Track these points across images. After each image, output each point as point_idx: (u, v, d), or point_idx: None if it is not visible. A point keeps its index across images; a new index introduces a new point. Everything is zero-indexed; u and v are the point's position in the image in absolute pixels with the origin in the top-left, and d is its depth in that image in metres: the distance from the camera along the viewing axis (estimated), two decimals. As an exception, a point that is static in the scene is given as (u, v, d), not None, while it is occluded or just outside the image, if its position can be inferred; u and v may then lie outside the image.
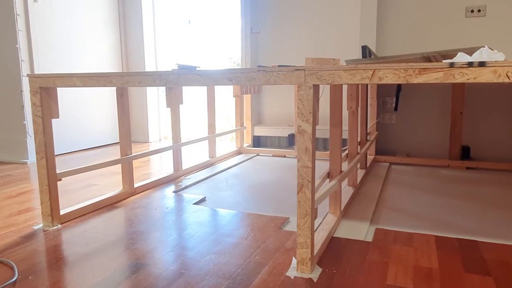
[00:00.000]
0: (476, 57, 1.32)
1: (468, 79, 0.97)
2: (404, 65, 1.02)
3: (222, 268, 1.22)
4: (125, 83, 1.36)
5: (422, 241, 1.41)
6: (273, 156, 3.02)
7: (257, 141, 3.42)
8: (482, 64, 0.95)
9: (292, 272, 1.18)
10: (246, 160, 2.86)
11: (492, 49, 1.36)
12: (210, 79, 1.22)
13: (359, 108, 2.30)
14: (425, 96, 2.81)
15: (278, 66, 1.45)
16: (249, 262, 1.25)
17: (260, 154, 3.09)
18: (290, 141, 2.98)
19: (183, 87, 3.33)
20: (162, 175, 2.25)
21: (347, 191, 1.92)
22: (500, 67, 0.94)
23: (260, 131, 3.36)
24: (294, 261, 1.25)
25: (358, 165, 2.40)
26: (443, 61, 1.26)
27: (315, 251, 1.24)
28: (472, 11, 2.72)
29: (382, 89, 2.87)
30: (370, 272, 1.18)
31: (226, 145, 3.56)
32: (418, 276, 1.16)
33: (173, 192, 2.05)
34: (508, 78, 0.93)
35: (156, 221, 1.63)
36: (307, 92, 1.12)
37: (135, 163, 2.80)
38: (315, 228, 1.46)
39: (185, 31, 3.88)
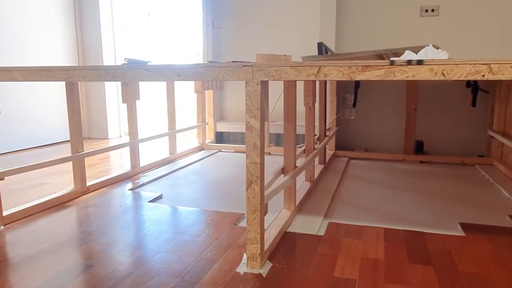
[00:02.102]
0: (421, 55, 1.37)
1: (407, 77, 1.00)
2: (348, 63, 1.04)
3: (172, 266, 1.20)
4: (69, 77, 1.31)
5: (372, 234, 1.45)
6: (235, 152, 3.02)
7: (220, 137, 3.40)
8: (420, 62, 0.99)
9: (242, 268, 1.18)
10: (208, 156, 2.84)
11: (437, 48, 1.42)
12: (158, 74, 1.20)
13: (318, 104, 2.34)
14: (383, 93, 2.89)
15: (232, 61, 1.44)
16: (200, 259, 1.24)
17: (222, 150, 3.07)
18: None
19: (145, 83, 3.25)
20: (118, 173, 2.20)
21: (304, 186, 1.94)
22: (436, 66, 0.97)
23: (223, 127, 3.34)
24: (244, 257, 1.25)
25: (317, 160, 2.44)
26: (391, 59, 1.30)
27: (266, 247, 1.25)
28: (427, 10, 2.81)
29: (341, 85, 2.93)
30: (319, 265, 1.21)
31: (189, 141, 3.52)
32: (364, 267, 1.19)
33: (129, 190, 2.00)
34: (444, 76, 0.97)
35: (108, 220, 1.59)
36: (255, 88, 1.12)
37: (92, 160, 2.71)
38: (269, 224, 1.47)
39: (144, 25, 3.78)
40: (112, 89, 3.67)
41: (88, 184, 1.95)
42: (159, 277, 1.14)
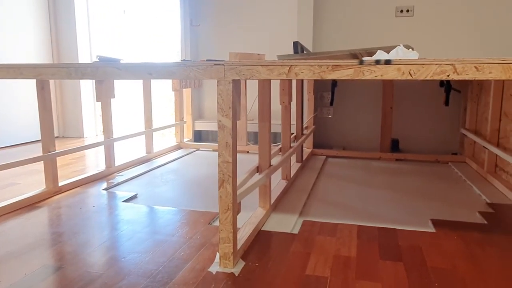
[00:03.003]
0: (392, 55, 1.39)
1: (376, 76, 1.01)
2: (318, 62, 1.05)
3: (143, 267, 1.19)
4: (38, 75, 1.27)
5: (345, 231, 1.47)
6: (213, 150, 3.00)
7: (198, 136, 3.38)
8: (388, 62, 1.00)
9: (214, 268, 1.18)
10: (185, 155, 2.82)
11: (408, 48, 1.44)
12: (129, 73, 1.18)
13: (295, 103, 2.35)
14: (360, 92, 2.93)
15: (206, 60, 1.43)
16: (173, 259, 1.23)
17: (200, 149, 3.05)
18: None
19: (123, 81, 3.19)
20: (92, 172, 2.15)
21: (280, 185, 1.95)
22: (403, 65, 0.99)
23: (201, 126, 3.32)
24: (217, 256, 1.24)
25: (294, 159, 2.45)
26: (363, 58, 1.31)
27: (239, 245, 1.25)
28: (402, 11, 2.86)
29: (319, 84, 2.95)
30: (292, 263, 1.21)
31: (168, 140, 3.48)
32: (336, 264, 1.21)
33: (103, 189, 1.97)
34: (411, 75, 0.99)
35: (80, 221, 1.55)
36: (227, 87, 1.11)
37: (66, 159, 2.65)
38: (243, 222, 1.47)
39: (120, 22, 3.71)
40: (88, 87, 3.60)
41: (60, 184, 1.90)
42: (130, 277, 1.12)
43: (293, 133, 2.35)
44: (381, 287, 1.08)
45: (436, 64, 0.97)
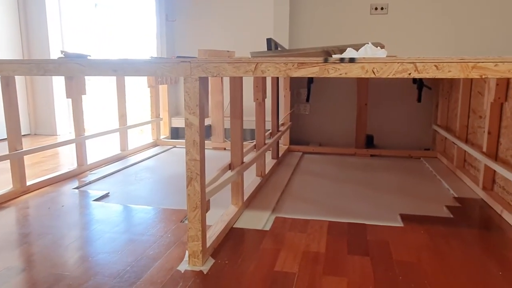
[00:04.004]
0: (361, 53, 1.41)
1: (340, 74, 1.02)
2: (284, 60, 1.05)
3: (111, 267, 1.17)
4: (-1, 72, 1.23)
5: (316, 227, 1.49)
6: (190, 147, 2.98)
7: (176, 133, 3.35)
8: (352, 60, 1.01)
9: (183, 266, 1.17)
10: (161, 152, 2.79)
11: (377, 46, 1.46)
12: (93, 69, 1.15)
13: (270, 100, 2.35)
14: (336, 89, 2.96)
15: (177, 57, 1.41)
16: (141, 259, 1.22)
17: (177, 146, 3.03)
18: (207, 132, 2.96)
19: (99, 77, 3.12)
20: (63, 171, 2.11)
21: (254, 182, 1.96)
22: (367, 64, 1.00)
23: (179, 122, 3.29)
24: (187, 254, 1.24)
25: (270, 156, 2.46)
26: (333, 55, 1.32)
27: (209, 243, 1.25)
28: (376, 8, 2.90)
29: (296, 80, 2.97)
30: (261, 260, 1.22)
31: (146, 137, 3.43)
32: (305, 260, 1.22)
33: (74, 188, 1.93)
34: (374, 73, 1.01)
35: (48, 221, 1.52)
36: (194, 85, 1.10)
37: (36, 158, 2.58)
38: (215, 220, 1.47)
39: (92, 16, 3.63)
40: (61, 83, 3.51)
41: (28, 183, 1.85)
42: (96, 278, 1.10)
43: (269, 130, 2.35)
44: (347, 281, 1.10)
45: (398, 63, 0.99)
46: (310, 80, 2.89)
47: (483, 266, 1.19)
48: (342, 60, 1.02)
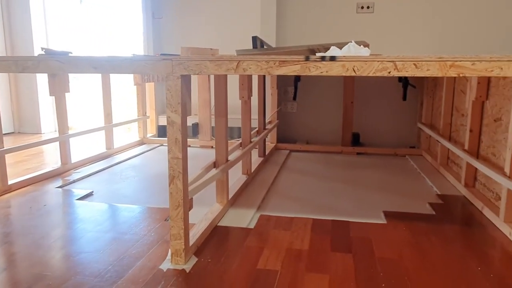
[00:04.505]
0: (344, 51, 1.42)
1: (321, 72, 1.03)
2: (266, 58, 1.05)
3: (92, 266, 1.16)
4: (-24, 69, 1.21)
5: (300, 225, 1.50)
6: (177, 146, 2.96)
7: (163, 131, 3.32)
8: (333, 58, 1.02)
9: (166, 265, 1.17)
10: (148, 151, 2.77)
11: (359, 44, 1.47)
12: (73, 67, 1.14)
13: (256, 98, 2.35)
14: (323, 87, 2.97)
15: (161, 54, 1.40)
16: (124, 258, 1.21)
17: (164, 144, 3.01)
18: (194, 130, 2.95)
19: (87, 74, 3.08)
20: (47, 170, 2.08)
21: (240, 180, 1.95)
22: (347, 62, 1.01)
23: (165, 121, 3.27)
24: (169, 253, 1.23)
25: (257, 154, 2.46)
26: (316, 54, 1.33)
27: (193, 242, 1.25)
28: (362, 7, 2.92)
29: (283, 78, 2.97)
30: (244, 258, 1.22)
31: (134, 135, 3.40)
32: (288, 258, 1.23)
33: (57, 187, 1.90)
34: (354, 72, 1.01)
35: (29, 221, 1.50)
36: (175, 83, 1.10)
37: (19, 156, 2.54)
38: (199, 218, 1.46)
39: (77, 12, 3.57)
40: (46, 81, 3.45)
41: (10, 182, 1.82)
42: (76, 278, 1.09)
43: (255, 128, 2.35)
44: (329, 278, 1.11)
45: (378, 61, 0.99)
46: (297, 78, 2.90)
47: (463, 262, 1.21)
48: (323, 58, 1.02)
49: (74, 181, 2.00)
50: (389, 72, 0.99)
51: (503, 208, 1.47)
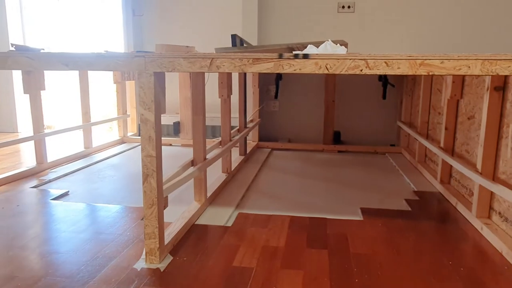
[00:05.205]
0: (321, 50, 1.43)
1: (295, 70, 1.03)
2: (239, 55, 1.05)
3: (64, 267, 1.14)
4: None
5: (278, 222, 1.50)
6: (158, 144, 2.94)
7: (144, 130, 3.28)
8: (306, 56, 1.02)
9: (140, 264, 1.16)
10: (128, 150, 2.74)
11: (337, 43, 1.48)
12: (43, 63, 1.11)
13: (237, 96, 2.35)
14: (304, 85, 2.99)
15: (136, 52, 1.38)
16: (97, 257, 1.19)
17: (144, 143, 2.97)
18: (175, 129, 2.93)
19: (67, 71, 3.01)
20: (21, 169, 2.03)
21: (220, 178, 1.95)
22: (320, 60, 1.02)
23: (147, 119, 3.23)
24: (144, 252, 1.22)
25: (238, 152, 2.46)
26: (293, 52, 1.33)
27: (168, 240, 1.24)
28: (343, 7, 2.94)
29: (265, 77, 2.97)
30: (220, 256, 1.22)
31: (113, 134, 3.36)
32: (264, 255, 1.23)
33: (32, 187, 1.86)
34: (327, 69, 1.02)
35: (0, 221, 1.46)
36: (148, 80, 1.09)
37: (-4, 156, 2.48)
38: (176, 217, 1.45)
39: (55, 9, 3.50)
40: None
41: (-18, 182, 1.78)
42: (46, 279, 1.07)
43: (236, 127, 2.35)
44: (303, 274, 1.11)
45: (350, 59, 1.00)
46: (279, 76, 2.90)
47: (435, 257, 1.23)
48: (296, 56, 1.03)
49: (49, 181, 1.96)
50: (361, 70, 1.00)
51: (475, 204, 1.50)
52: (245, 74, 2.43)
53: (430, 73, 0.98)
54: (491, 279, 1.11)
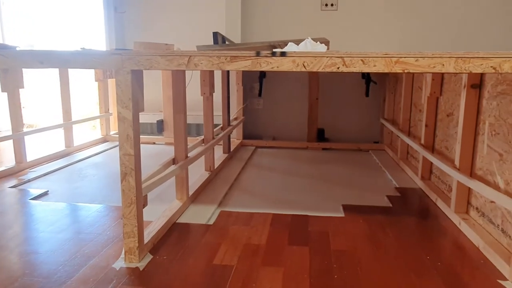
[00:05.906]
0: (301, 47, 1.43)
1: (272, 68, 1.03)
2: (217, 53, 1.04)
3: (41, 267, 1.12)
4: None
5: (260, 220, 1.50)
6: (141, 143, 2.91)
7: (128, 128, 3.24)
8: (283, 54, 1.03)
9: (119, 263, 1.15)
10: (110, 148, 2.71)
11: (317, 41, 1.49)
12: (18, 61, 1.09)
13: (220, 94, 2.34)
14: (288, 83, 2.99)
15: (116, 49, 1.37)
16: (75, 257, 1.18)
17: (128, 141, 2.94)
18: (159, 127, 2.90)
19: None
20: (0, 169, 1.99)
21: (203, 176, 1.94)
22: (297, 58, 1.02)
23: (130, 118, 3.20)
24: (123, 251, 1.21)
25: (222, 150, 2.45)
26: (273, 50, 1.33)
27: (148, 239, 1.23)
28: (326, 5, 2.96)
29: (249, 75, 2.97)
30: (201, 254, 1.22)
31: (97, 133, 3.30)
32: (245, 253, 1.23)
33: (10, 187, 1.83)
34: (304, 67, 1.02)
35: (-22, 222, 1.43)
36: (126, 78, 1.07)
37: (-26, 156, 2.42)
38: (157, 216, 1.44)
39: (36, 6, 3.43)
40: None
41: (-42, 183, 1.74)
42: (23, 279, 1.05)
43: (220, 125, 2.34)
44: (283, 271, 1.12)
45: (327, 57, 1.01)
46: (262, 74, 2.90)
47: (414, 252, 1.25)
48: (273, 54, 1.03)
49: (29, 181, 1.93)
50: (338, 68, 1.01)
51: (453, 199, 1.53)
52: (228, 72, 2.42)
53: (406, 71, 0.99)
54: (468, 273, 1.13)
